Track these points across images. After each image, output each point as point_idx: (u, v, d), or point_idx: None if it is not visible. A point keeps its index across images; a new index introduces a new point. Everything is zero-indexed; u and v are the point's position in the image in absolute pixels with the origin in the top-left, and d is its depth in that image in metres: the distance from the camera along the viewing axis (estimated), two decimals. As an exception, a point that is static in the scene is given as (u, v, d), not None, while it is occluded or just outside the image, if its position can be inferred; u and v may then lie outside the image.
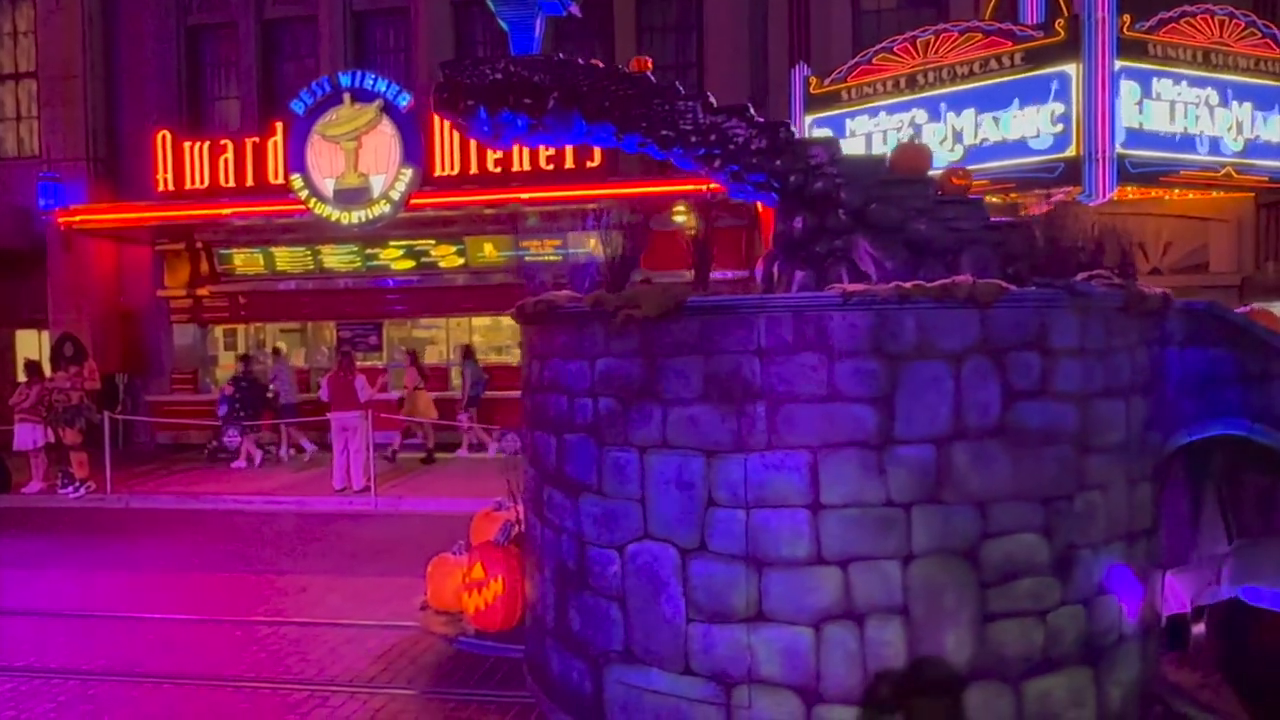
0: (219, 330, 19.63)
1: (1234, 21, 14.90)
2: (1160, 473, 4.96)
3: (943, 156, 16.29)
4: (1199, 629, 4.99)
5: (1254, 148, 15.06)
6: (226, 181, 17.93)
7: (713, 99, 5.39)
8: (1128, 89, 14.38)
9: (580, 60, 5.47)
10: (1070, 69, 14.64)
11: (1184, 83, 14.89)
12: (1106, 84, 14.47)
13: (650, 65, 5.46)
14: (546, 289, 5.75)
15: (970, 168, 16.09)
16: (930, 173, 5.18)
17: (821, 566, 4.27)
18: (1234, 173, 15.11)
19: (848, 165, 5.17)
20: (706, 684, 4.45)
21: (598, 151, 17.26)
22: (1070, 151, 14.93)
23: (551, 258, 17.80)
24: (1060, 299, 4.35)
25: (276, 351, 18.01)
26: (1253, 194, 15.62)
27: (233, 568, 9.18)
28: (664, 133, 5.32)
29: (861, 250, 4.96)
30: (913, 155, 5.20)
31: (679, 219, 17.74)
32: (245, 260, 18.72)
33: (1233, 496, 5.21)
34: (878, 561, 4.25)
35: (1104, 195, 14.95)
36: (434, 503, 12.68)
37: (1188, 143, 15.00)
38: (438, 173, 17.50)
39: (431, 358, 18.80)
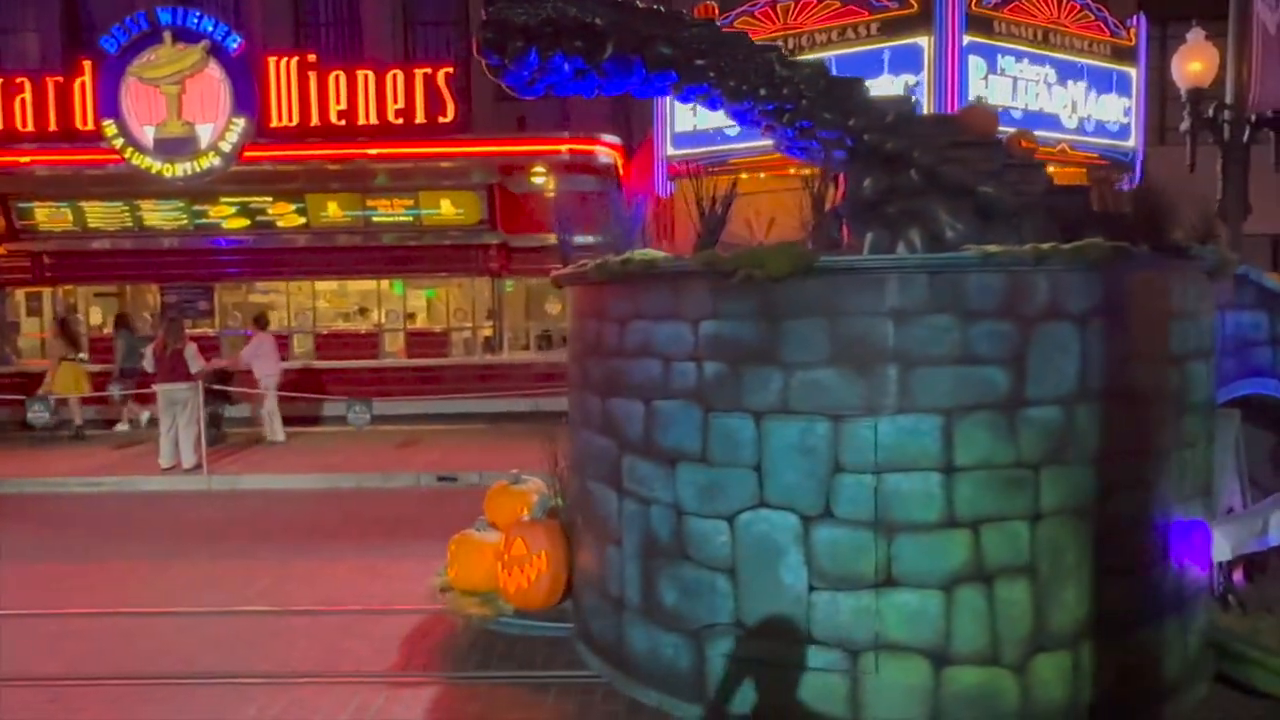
0: (20, 294, 17.69)
1: (1070, 4, 16.00)
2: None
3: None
4: (1238, 576, 5.40)
5: (1086, 125, 16.29)
6: (24, 125, 16.25)
7: (785, 52, 5.27)
8: (975, 64, 15.18)
9: (640, 3, 5.22)
10: (923, 41, 15.28)
11: (1025, 60, 15.84)
12: (956, 57, 15.23)
13: (716, 11, 5.28)
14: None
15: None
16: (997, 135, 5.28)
17: (954, 529, 4.32)
18: (1068, 149, 16.30)
19: (921, 125, 5.20)
20: (829, 651, 4.43)
21: (450, 106, 16.70)
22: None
23: (403, 219, 17.13)
24: (1169, 262, 4.55)
25: (123, 319, 16.24)
26: (1084, 170, 16.93)
27: (44, 557, 8.41)
28: (733, 84, 5.17)
29: (939, 212, 5.00)
30: (981, 117, 5.29)
31: (537, 180, 17.45)
32: (50, 215, 16.99)
33: (1249, 453, 5.65)
34: (1007, 522, 4.34)
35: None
36: (274, 480, 12.16)
37: (1031, 120, 16.03)
38: (274, 123, 16.50)
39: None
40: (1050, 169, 17.31)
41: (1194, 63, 12.34)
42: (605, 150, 16.87)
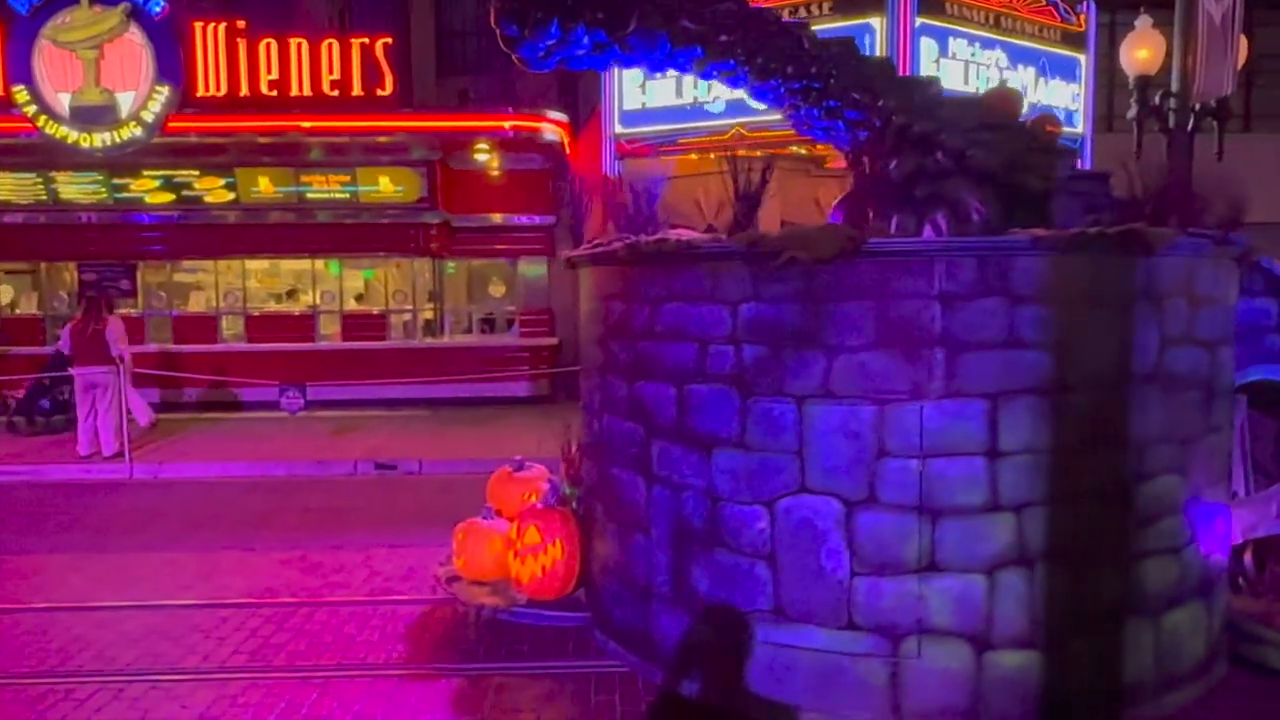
0: (-80, 272, 16.97)
1: (1022, -13, 16.38)
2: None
3: (754, 103, 16.82)
4: (1248, 559, 5.62)
5: (1037, 111, 16.69)
6: (-79, 90, 15.50)
7: (814, 30, 5.31)
8: (926, 46, 15.45)
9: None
10: (875, 21, 15.50)
11: (977, 44, 16.16)
12: (908, 39, 15.50)
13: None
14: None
15: (778, 116, 16.80)
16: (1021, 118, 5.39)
17: (997, 513, 4.41)
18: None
19: (949, 108, 5.28)
20: (870, 637, 4.49)
21: (389, 79, 16.42)
22: (874, 105, 15.74)
23: (339, 195, 16.79)
24: (1206, 247, 4.71)
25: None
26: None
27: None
28: (760, 61, 5.18)
29: (967, 195, 5.09)
30: (1007, 100, 5.39)
31: (480, 157, 17.26)
32: (-44, 188, 16.25)
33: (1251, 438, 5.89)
34: (1049, 506, 4.45)
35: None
36: (201, 468, 11.97)
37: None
38: (201, 93, 16.04)
39: (197, 305, 17.22)
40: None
41: (1141, 50, 12.68)
42: (551, 127, 16.74)
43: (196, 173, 16.54)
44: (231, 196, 16.65)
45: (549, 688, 5.09)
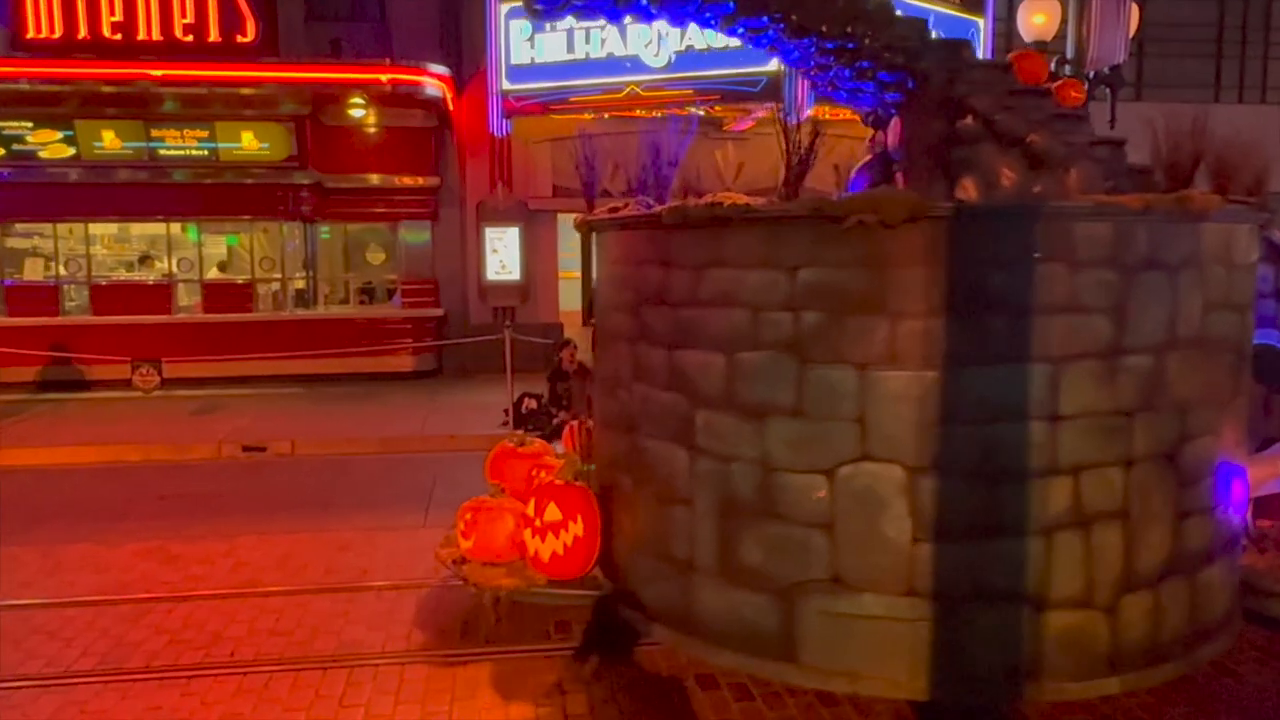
0: None
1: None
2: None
3: (650, 61, 16.97)
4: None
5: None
6: None
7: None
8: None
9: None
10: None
11: (884, 4, 16.65)
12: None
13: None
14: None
15: (675, 75, 16.97)
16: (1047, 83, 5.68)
17: (1056, 477, 4.67)
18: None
19: (980, 71, 5.50)
20: (930, 602, 4.71)
21: (250, 24, 15.86)
22: (772, 66, 16.21)
23: (196, 153, 16.11)
24: (1244, 215, 5.09)
25: None
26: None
27: None
28: (795, 18, 5.29)
29: (997, 160, 5.36)
30: (1033, 64, 5.65)
31: (355, 113, 16.81)
32: None
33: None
34: (1104, 468, 4.75)
35: (803, 113, 16.47)
36: (43, 455, 11.56)
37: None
38: (32, 34, 15.14)
39: (34, 274, 16.23)
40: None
41: (1037, 15, 13.31)
42: (433, 81, 16.43)
43: (29, 124, 15.61)
44: (71, 152, 15.76)
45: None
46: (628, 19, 5.59)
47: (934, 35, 5.54)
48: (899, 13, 5.46)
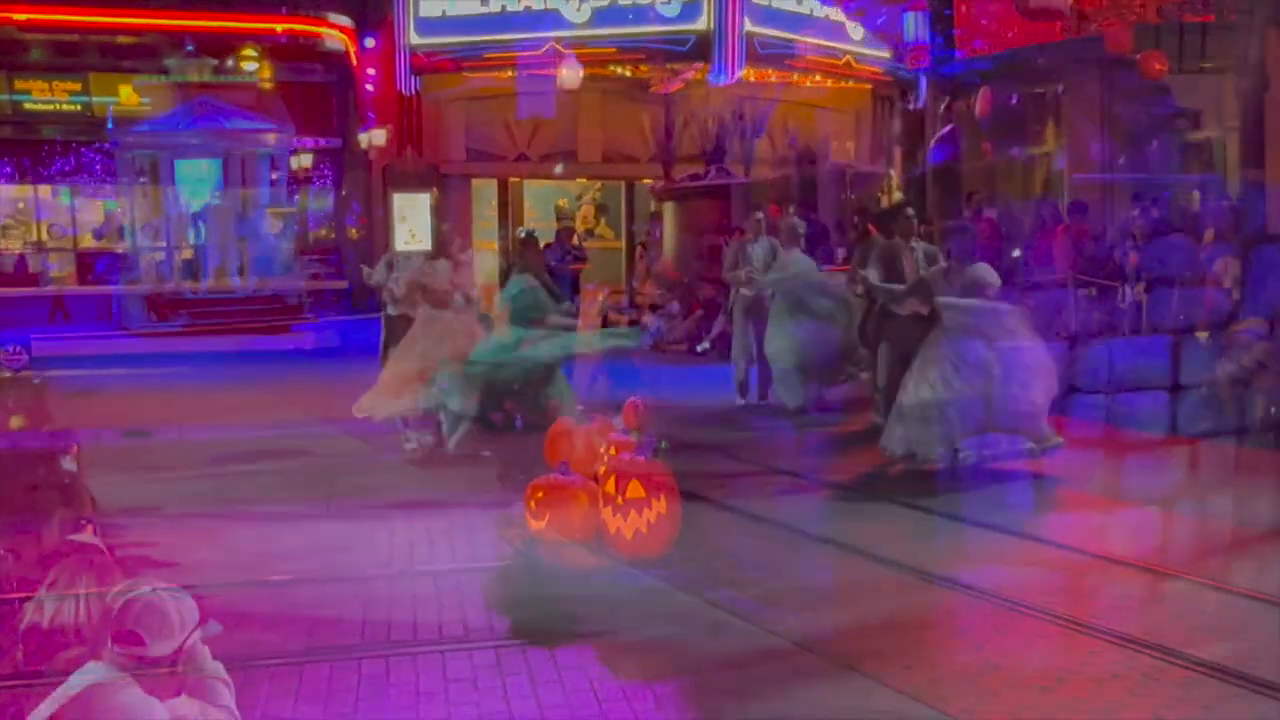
0: None
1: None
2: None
3: (571, 15, 16.60)
4: None
5: (871, 40, 17.38)
6: None
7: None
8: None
9: None
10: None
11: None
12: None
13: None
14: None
15: (598, 32, 16.60)
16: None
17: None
18: (854, 62, 17.35)
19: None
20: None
21: (129, -37, 14.93)
22: (701, 24, 16.05)
23: (68, 108, 15.15)
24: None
25: None
26: (870, 86, 18.07)
27: None
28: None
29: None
30: (1156, 63, 5.57)
31: (249, 66, 15.99)
32: None
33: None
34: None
35: (733, 75, 16.33)
36: None
37: (820, 28, 16.89)
38: None
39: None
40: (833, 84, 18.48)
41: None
42: (334, 33, 15.78)
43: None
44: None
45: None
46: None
47: None
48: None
